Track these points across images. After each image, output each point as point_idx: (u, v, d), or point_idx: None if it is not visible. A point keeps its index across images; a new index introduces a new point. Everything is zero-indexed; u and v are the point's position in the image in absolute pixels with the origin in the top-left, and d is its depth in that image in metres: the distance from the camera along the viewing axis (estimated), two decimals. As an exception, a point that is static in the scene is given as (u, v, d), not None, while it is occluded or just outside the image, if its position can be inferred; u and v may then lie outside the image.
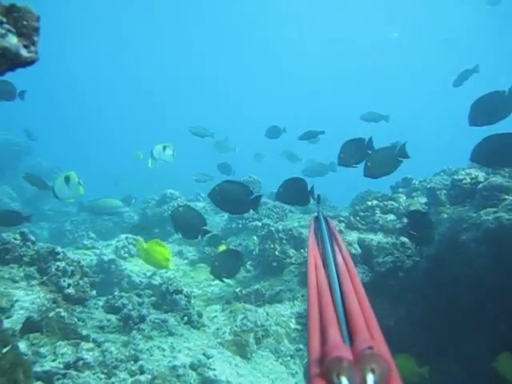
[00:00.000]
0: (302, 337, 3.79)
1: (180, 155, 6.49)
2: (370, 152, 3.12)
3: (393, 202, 4.58)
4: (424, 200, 4.53)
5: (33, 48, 0.70)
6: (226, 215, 7.03)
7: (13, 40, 0.67)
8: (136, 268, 5.67)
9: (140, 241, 3.07)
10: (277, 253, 4.79)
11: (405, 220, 3.95)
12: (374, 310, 0.56)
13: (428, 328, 3.44)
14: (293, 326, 3.93)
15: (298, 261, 4.72)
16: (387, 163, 3.00)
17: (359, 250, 4.12)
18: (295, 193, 3.35)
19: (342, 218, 4.75)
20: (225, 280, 4.08)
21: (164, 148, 5.47)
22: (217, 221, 7.17)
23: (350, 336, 0.49)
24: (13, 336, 2.59)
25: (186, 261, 6.14)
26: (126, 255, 5.99)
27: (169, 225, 6.96)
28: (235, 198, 3.18)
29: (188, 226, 3.48)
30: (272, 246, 4.84)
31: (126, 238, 6.12)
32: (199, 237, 3.53)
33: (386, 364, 0.41)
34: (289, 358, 3.60)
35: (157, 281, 5.17)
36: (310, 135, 5.66)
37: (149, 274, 5.42)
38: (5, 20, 0.66)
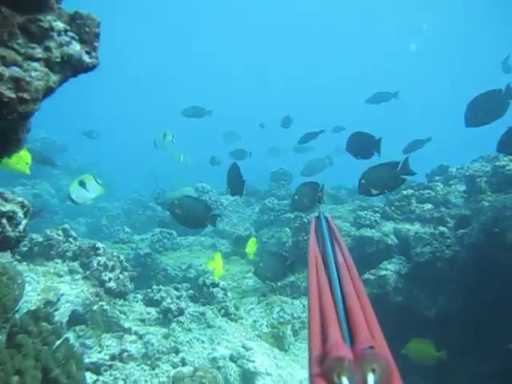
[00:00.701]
0: (339, 328, 3.77)
1: (209, 149, 6.62)
2: (376, 153, 3.02)
3: (429, 191, 4.46)
4: (462, 188, 4.39)
5: (94, 54, 0.72)
6: (257, 208, 7.05)
7: (76, 47, 0.68)
8: (171, 261, 5.79)
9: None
10: (310, 244, 4.76)
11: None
12: (373, 313, 0.55)
13: (470, 320, 3.35)
14: (329, 317, 3.91)
15: (333, 252, 4.68)
16: (385, 181, 2.73)
17: (395, 241, 4.06)
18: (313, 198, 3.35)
19: (376, 209, 4.67)
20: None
21: (164, 136, 5.43)
22: (248, 213, 7.20)
23: (351, 335, 0.48)
24: (61, 328, 2.70)
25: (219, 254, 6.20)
26: (161, 249, 6.11)
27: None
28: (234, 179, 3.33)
29: (192, 217, 3.18)
30: (306, 237, 4.81)
31: (161, 231, 6.24)
32: (208, 225, 3.29)
33: (387, 364, 0.40)
34: (327, 349, 3.59)
35: (192, 274, 5.24)
36: (310, 137, 5.54)
37: (184, 267, 5.51)
38: (69, 28, 0.67)
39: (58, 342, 1.93)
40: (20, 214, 1.77)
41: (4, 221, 1.69)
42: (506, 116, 2.85)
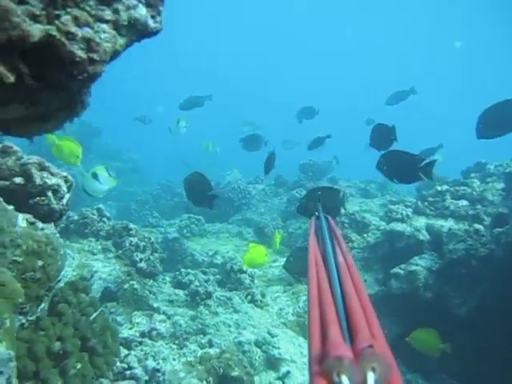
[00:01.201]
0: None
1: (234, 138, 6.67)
2: (392, 138, 2.97)
3: (465, 188, 4.33)
4: (501, 185, 4.23)
5: (158, 18, 0.72)
6: (285, 198, 7.04)
7: (142, 11, 0.69)
8: (198, 247, 5.86)
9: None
10: (339, 237, 4.72)
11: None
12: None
13: (503, 320, 3.25)
14: (356, 310, 3.88)
15: (361, 245, 4.63)
16: (404, 170, 2.66)
17: (427, 237, 3.97)
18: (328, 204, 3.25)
19: (408, 203, 4.58)
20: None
21: (178, 121, 5.43)
22: (276, 203, 7.20)
23: (351, 335, 0.49)
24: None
25: (245, 242, 6.24)
26: (189, 234, 6.20)
27: (229, 206, 7.11)
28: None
29: (195, 191, 3.33)
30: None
31: (189, 217, 6.33)
32: (206, 204, 3.36)
33: (387, 363, 0.40)
34: (352, 341, 3.57)
35: (219, 260, 5.29)
36: (317, 142, 5.50)
37: (211, 253, 5.57)
38: (136, -9, 0.68)
39: (94, 314, 1.99)
40: (64, 187, 1.83)
41: (49, 193, 1.75)
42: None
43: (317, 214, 1.14)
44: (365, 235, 4.77)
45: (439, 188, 4.35)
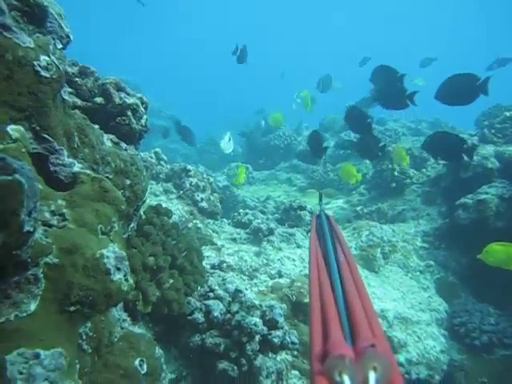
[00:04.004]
0: (431, 254, 3.66)
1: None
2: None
3: (538, 111, 4.01)
4: None
5: None
6: (332, 142, 6.85)
7: None
8: (248, 194, 5.87)
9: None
10: (396, 173, 4.57)
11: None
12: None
13: None
14: (419, 243, 3.80)
15: (420, 180, 4.47)
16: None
17: (497, 164, 3.74)
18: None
19: (472, 132, 4.32)
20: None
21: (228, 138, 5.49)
22: (322, 148, 7.03)
23: (352, 334, 0.49)
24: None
25: (295, 187, 6.20)
26: (237, 183, 6.21)
27: (276, 154, 7.02)
28: None
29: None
30: (390, 166, 4.62)
31: (236, 166, 6.31)
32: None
33: (388, 362, 0.40)
34: (418, 273, 3.52)
35: (271, 204, 5.28)
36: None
37: (262, 199, 5.57)
38: None
39: (177, 237, 2.02)
40: (141, 107, 1.80)
41: (129, 113, 1.73)
42: None
43: (317, 212, 1.18)
44: (423, 170, 4.58)
45: (508, 114, 4.05)
